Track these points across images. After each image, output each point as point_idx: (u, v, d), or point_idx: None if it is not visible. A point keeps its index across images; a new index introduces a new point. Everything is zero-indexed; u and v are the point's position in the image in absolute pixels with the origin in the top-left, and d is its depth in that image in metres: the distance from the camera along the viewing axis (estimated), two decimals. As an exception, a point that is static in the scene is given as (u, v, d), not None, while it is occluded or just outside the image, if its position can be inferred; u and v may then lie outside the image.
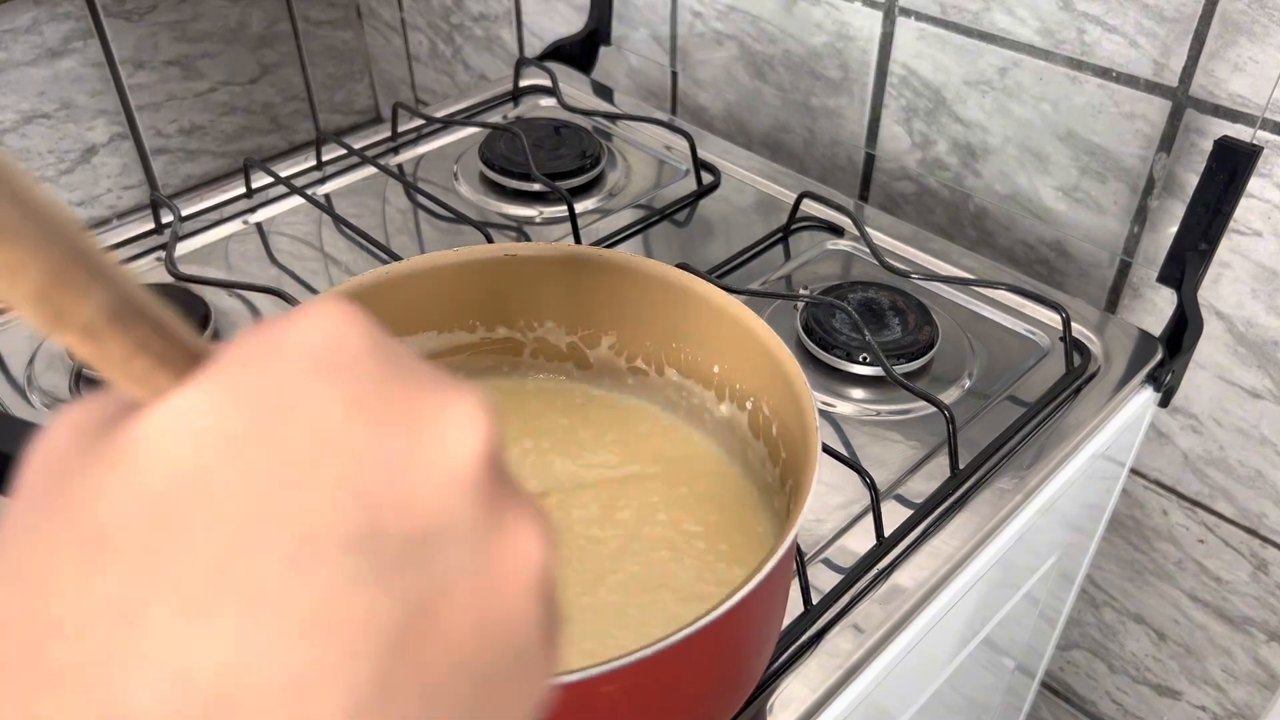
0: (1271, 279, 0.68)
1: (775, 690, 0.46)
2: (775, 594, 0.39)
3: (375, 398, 0.17)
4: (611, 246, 0.73)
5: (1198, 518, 0.79)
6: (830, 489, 0.54)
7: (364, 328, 0.18)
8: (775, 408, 0.44)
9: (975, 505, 0.54)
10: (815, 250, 0.73)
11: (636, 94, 1.03)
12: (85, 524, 0.16)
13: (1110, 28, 0.68)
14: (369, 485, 0.17)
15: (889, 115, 0.83)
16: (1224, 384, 0.73)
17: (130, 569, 0.15)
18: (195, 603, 0.15)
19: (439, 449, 0.18)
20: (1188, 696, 0.89)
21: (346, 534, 0.16)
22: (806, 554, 0.51)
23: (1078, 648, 0.95)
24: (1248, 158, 0.62)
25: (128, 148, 1.18)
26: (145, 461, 0.16)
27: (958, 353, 0.64)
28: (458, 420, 0.18)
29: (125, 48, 1.13)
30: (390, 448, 0.17)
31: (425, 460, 0.17)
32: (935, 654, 0.57)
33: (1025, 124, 0.75)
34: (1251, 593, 0.79)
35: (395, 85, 1.37)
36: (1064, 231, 0.77)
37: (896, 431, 0.59)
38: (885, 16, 0.79)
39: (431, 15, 1.24)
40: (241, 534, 0.16)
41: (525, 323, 0.49)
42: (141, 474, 0.16)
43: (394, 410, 0.18)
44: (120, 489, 0.16)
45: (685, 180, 0.80)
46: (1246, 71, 0.63)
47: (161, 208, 0.74)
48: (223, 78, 1.22)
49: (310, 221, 0.76)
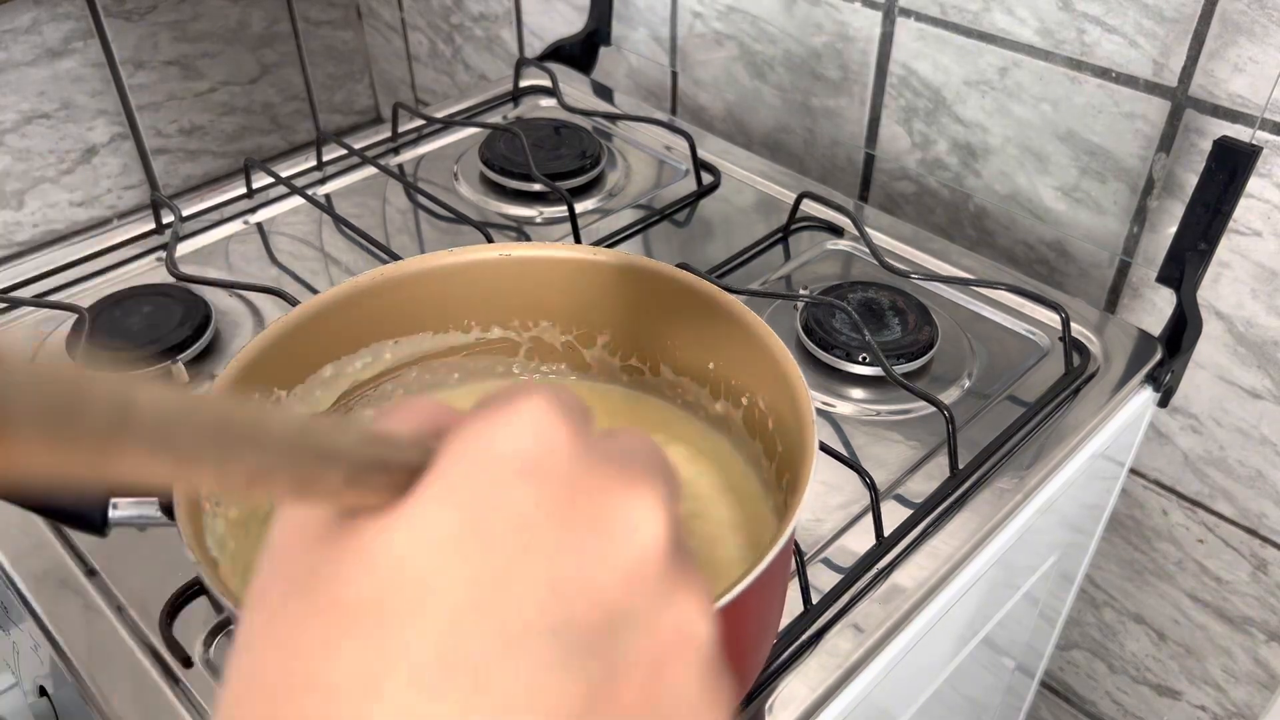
0: (1271, 279, 0.68)
1: (775, 690, 0.46)
2: (773, 589, 0.39)
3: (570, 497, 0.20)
4: (611, 246, 0.73)
5: (1198, 518, 0.80)
6: (830, 489, 0.54)
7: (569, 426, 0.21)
8: (771, 403, 0.44)
9: (975, 505, 0.54)
10: (815, 250, 0.73)
11: (636, 94, 1.03)
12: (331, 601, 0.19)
13: (1110, 28, 0.68)
14: (563, 578, 0.20)
15: (889, 115, 0.83)
16: (1224, 384, 0.73)
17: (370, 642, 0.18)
18: (425, 677, 0.18)
19: (623, 543, 0.21)
20: (1188, 696, 0.89)
21: (546, 623, 0.19)
22: (806, 554, 0.51)
23: (1078, 648, 0.95)
24: (1247, 158, 0.62)
25: (128, 148, 1.18)
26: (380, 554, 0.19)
27: (957, 353, 0.64)
28: (640, 516, 0.21)
29: (125, 48, 1.13)
30: (580, 544, 0.20)
31: (611, 554, 0.20)
32: (935, 654, 0.57)
33: (1025, 124, 0.75)
34: (1251, 593, 0.79)
35: (395, 85, 1.37)
36: (1064, 231, 0.77)
37: (896, 431, 0.59)
38: (885, 17, 0.79)
39: (431, 15, 1.24)
40: (460, 621, 0.18)
41: (521, 323, 0.49)
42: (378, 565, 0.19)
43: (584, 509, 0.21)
44: (360, 576, 0.19)
45: (685, 180, 0.80)
46: (1246, 71, 0.63)
47: (162, 208, 0.74)
48: (223, 78, 1.23)
49: (310, 221, 0.76)
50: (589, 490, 0.21)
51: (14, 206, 1.12)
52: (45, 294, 0.69)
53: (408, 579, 0.19)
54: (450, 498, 0.20)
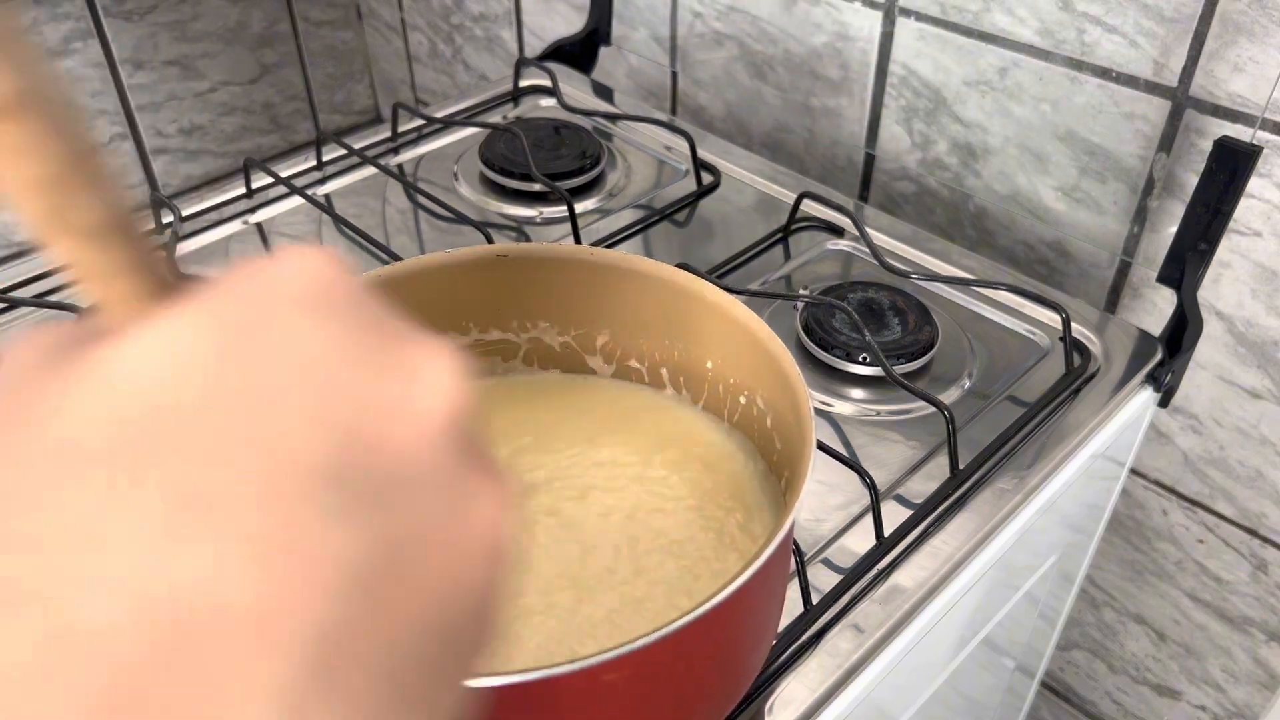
0: (1271, 279, 0.68)
1: (775, 690, 0.46)
2: (772, 586, 0.39)
3: (353, 338, 0.17)
4: (611, 246, 0.73)
5: (1198, 518, 0.79)
6: (830, 489, 0.54)
7: (347, 275, 0.18)
8: (770, 400, 0.44)
9: (975, 505, 0.54)
10: (815, 250, 0.73)
11: (636, 94, 1.03)
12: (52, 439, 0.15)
13: (1110, 28, 0.68)
14: (342, 420, 0.16)
15: (889, 115, 0.83)
16: (1224, 384, 0.73)
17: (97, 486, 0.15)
18: (162, 524, 0.15)
19: (413, 398, 0.17)
20: (1188, 696, 0.89)
21: (318, 465, 0.16)
22: (806, 554, 0.51)
23: (1078, 648, 0.95)
24: (1248, 158, 0.62)
25: (128, 148, 1.18)
26: (119, 380, 0.16)
27: (958, 353, 0.64)
28: (433, 375, 0.18)
29: (125, 48, 1.13)
30: (365, 388, 0.17)
31: (399, 405, 0.17)
32: (935, 654, 0.57)
33: (1025, 124, 0.75)
34: (1251, 593, 0.79)
35: (395, 85, 1.37)
36: (1064, 231, 0.77)
37: (896, 431, 0.59)
38: (885, 16, 0.79)
39: (431, 15, 1.24)
40: (212, 458, 0.15)
41: (519, 324, 0.49)
42: (114, 392, 0.16)
43: (370, 353, 0.17)
44: (92, 405, 0.16)
45: (685, 180, 0.80)
46: (1246, 71, 0.63)
47: (162, 208, 0.74)
48: (223, 78, 1.23)
49: (310, 222, 0.76)
50: (380, 334, 0.18)
51: (14, 206, 1.12)
52: (45, 294, 0.69)
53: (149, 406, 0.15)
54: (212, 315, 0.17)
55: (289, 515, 0.15)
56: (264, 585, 0.15)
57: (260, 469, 0.15)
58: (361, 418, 0.17)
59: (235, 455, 0.15)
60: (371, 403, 0.17)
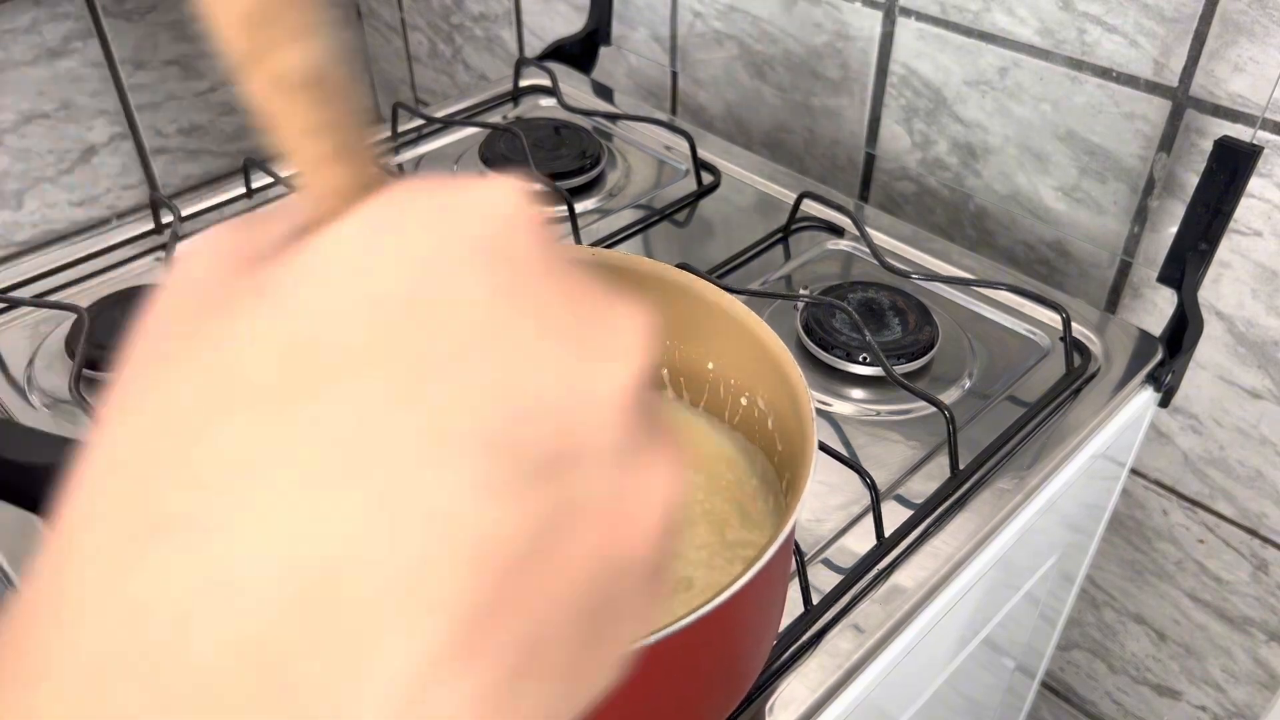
0: (1271, 279, 0.68)
1: (775, 690, 0.46)
2: (773, 588, 0.39)
3: (543, 301, 0.16)
4: (611, 246, 0.73)
5: (1198, 518, 0.79)
6: (830, 489, 0.54)
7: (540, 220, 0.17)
8: (771, 402, 0.44)
9: (975, 505, 0.54)
10: (815, 250, 0.73)
11: (636, 94, 1.03)
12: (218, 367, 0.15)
13: (1110, 28, 0.68)
14: (518, 390, 0.16)
15: (889, 115, 0.83)
16: (1224, 384, 0.73)
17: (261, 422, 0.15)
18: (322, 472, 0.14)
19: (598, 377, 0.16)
20: (1188, 696, 0.89)
21: (487, 436, 0.15)
22: (806, 554, 0.51)
23: (1078, 648, 0.95)
24: (1248, 158, 0.62)
25: (128, 148, 1.18)
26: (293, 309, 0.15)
27: (958, 353, 0.64)
28: (623, 345, 0.17)
29: (125, 48, 1.13)
30: (548, 358, 0.16)
31: (581, 378, 0.16)
32: (935, 654, 0.57)
33: (1025, 124, 0.75)
34: (1251, 593, 0.79)
35: (395, 85, 1.37)
36: (1064, 231, 0.77)
37: (896, 431, 0.59)
38: (885, 16, 0.79)
39: (431, 15, 1.24)
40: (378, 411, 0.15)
41: None
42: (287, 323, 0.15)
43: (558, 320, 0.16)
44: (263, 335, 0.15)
45: (685, 180, 0.80)
46: (1246, 71, 0.63)
47: (161, 208, 0.74)
48: (222, 78, 1.22)
49: (310, 221, 0.76)
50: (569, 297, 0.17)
51: (13, 206, 1.12)
52: (44, 294, 0.69)
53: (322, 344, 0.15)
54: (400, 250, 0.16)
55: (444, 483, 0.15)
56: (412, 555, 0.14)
57: (427, 429, 0.15)
58: (538, 389, 0.16)
59: (402, 412, 0.15)
60: (551, 374, 0.16)
